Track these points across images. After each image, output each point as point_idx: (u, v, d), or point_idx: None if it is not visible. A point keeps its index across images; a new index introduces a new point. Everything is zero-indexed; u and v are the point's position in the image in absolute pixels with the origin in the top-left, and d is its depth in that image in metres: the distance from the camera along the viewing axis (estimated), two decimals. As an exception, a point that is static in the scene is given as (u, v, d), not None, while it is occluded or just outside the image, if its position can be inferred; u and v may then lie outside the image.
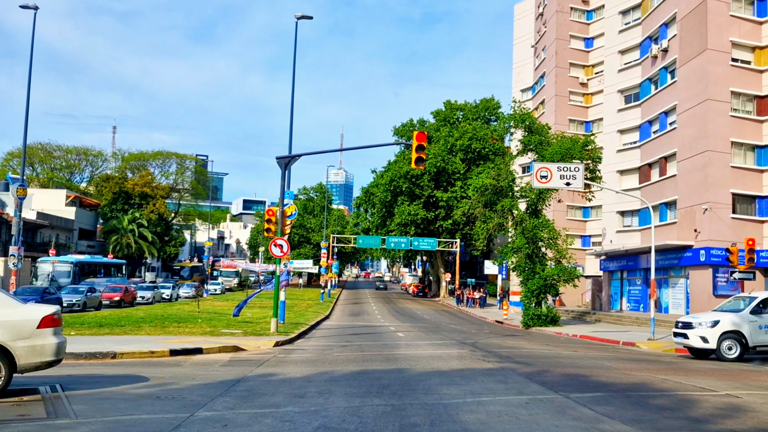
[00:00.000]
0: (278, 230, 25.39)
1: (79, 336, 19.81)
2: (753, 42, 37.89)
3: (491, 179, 41.32)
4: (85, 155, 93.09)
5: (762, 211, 37.33)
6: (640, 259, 42.12)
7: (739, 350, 19.70)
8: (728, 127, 37.10)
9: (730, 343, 19.77)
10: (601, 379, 13.41)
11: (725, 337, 19.79)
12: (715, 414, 9.69)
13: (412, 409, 9.40)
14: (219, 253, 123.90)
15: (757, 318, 19.96)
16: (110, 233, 78.60)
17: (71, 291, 37.54)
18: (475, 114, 73.89)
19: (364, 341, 23.02)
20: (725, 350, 19.71)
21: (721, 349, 19.74)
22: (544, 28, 64.28)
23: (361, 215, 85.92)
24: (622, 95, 48.90)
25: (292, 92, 28.34)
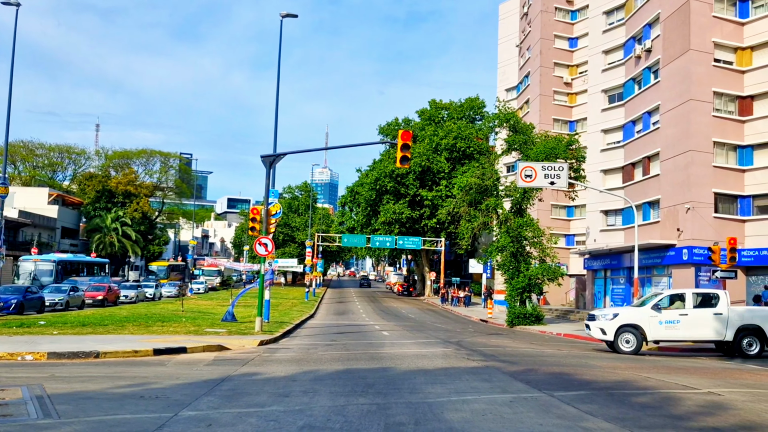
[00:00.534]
0: (263, 229, 25.33)
1: (61, 335, 19.66)
2: (735, 43, 38.22)
3: (476, 178, 41.41)
4: (68, 153, 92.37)
5: (743, 210, 37.68)
6: (624, 258, 42.38)
7: (636, 344, 20.77)
8: (710, 127, 37.41)
9: (628, 336, 20.90)
10: (585, 377, 13.49)
11: (623, 331, 20.93)
12: (698, 412, 9.78)
13: (397, 407, 9.41)
14: (203, 251, 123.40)
15: (657, 314, 20.92)
16: (93, 232, 78.06)
17: (54, 290, 37.24)
18: (460, 113, 74.05)
19: (349, 340, 23.01)
20: (623, 343, 20.88)
21: (619, 341, 20.93)
22: (529, 28, 64.52)
23: (346, 214, 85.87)
24: (605, 95, 49.17)
25: (277, 90, 28.26)
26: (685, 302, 21.20)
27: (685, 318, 20.76)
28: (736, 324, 20.49)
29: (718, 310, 20.66)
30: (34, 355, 14.84)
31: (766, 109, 36.94)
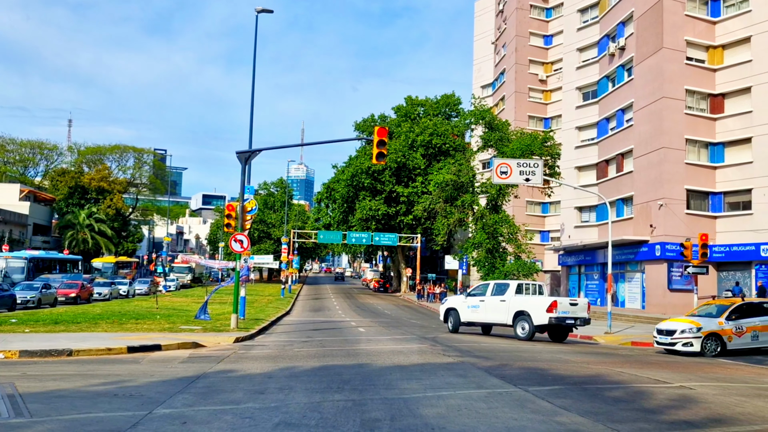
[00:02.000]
0: (238, 225, 25.20)
1: (33, 333, 19.41)
2: (707, 41, 38.72)
3: (452, 175, 41.63)
4: (40, 149, 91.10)
5: (715, 207, 38.22)
6: (598, 254, 42.80)
7: (454, 322, 26.23)
8: (683, 125, 37.90)
9: (451, 318, 26.45)
10: (559, 372, 13.60)
11: (448, 312, 26.78)
12: (669, 405, 9.91)
13: (372, 404, 9.42)
14: (178, 248, 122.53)
15: (467, 299, 25.89)
16: (66, 228, 77.12)
17: (25, 287, 36.72)
18: (436, 110, 74.18)
19: (325, 336, 22.99)
20: (448, 322, 26.60)
21: (446, 320, 26.87)
22: (504, 25, 64.80)
23: (322, 210, 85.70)
24: (580, 92, 49.57)
25: (252, 87, 28.09)
26: (486, 291, 25.30)
27: (483, 304, 24.95)
28: (514, 309, 23.49)
29: (504, 298, 24.08)
30: (6, 353, 14.64)
31: (737, 107, 37.49)
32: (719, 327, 19.75)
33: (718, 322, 19.92)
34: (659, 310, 36.62)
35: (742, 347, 19.96)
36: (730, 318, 20.08)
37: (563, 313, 22.64)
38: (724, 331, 19.76)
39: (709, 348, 19.51)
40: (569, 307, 23.07)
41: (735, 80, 37.66)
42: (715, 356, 19.28)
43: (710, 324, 19.85)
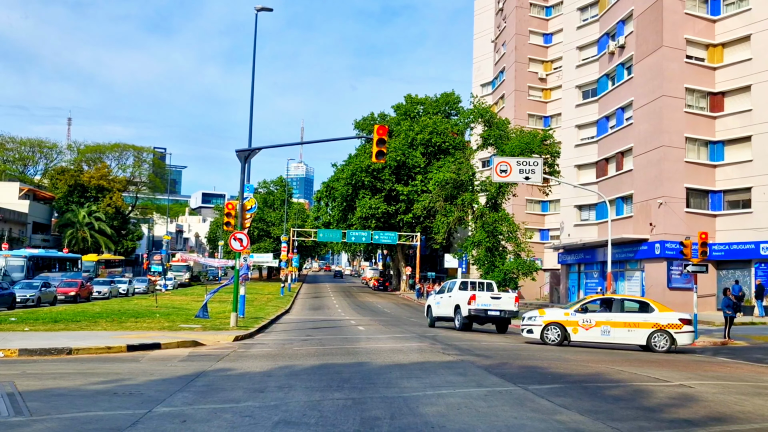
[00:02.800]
0: (238, 224, 25.18)
1: (33, 332, 19.41)
2: (707, 40, 38.70)
3: (452, 173, 41.62)
4: (39, 147, 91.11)
5: (714, 205, 38.21)
6: (597, 252, 42.80)
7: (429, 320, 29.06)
8: (683, 123, 37.89)
9: (429, 314, 29.24)
10: (559, 370, 13.59)
11: (428, 310, 29.64)
12: (669, 404, 9.91)
13: (372, 402, 9.42)
14: (178, 247, 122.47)
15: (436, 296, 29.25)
16: (65, 227, 77.09)
17: (25, 286, 36.72)
18: (436, 108, 74.15)
19: (324, 335, 22.99)
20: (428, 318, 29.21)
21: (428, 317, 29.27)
22: (504, 24, 64.76)
23: (322, 209, 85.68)
24: (580, 91, 49.55)
25: (252, 85, 28.08)
26: (445, 289, 28.43)
27: (442, 300, 28.05)
28: (453, 304, 26.80)
29: (450, 294, 27.33)
30: (5, 351, 14.63)
31: (737, 106, 37.49)
32: (564, 318, 20.77)
33: (564, 313, 21.06)
34: (659, 308, 36.58)
35: (589, 341, 20.58)
36: (581, 310, 20.88)
37: (483, 305, 25.74)
38: (568, 322, 20.70)
39: (549, 337, 20.64)
40: (491, 301, 25.98)
41: (735, 78, 37.65)
42: (557, 345, 20.32)
43: (556, 314, 21.15)
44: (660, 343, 19.91)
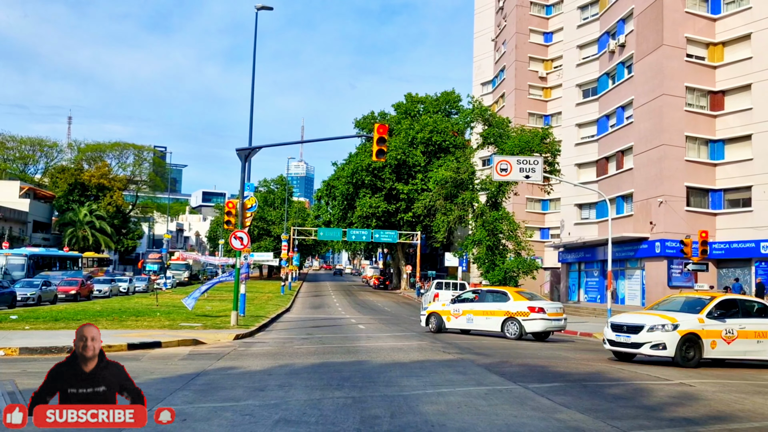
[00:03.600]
0: (238, 222, 25.19)
1: (33, 330, 19.42)
2: (707, 38, 38.68)
3: (452, 172, 41.62)
4: (40, 146, 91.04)
5: (714, 204, 38.20)
6: (598, 251, 42.79)
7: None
8: (683, 122, 37.87)
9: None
10: (559, 369, 13.61)
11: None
12: (669, 402, 9.92)
13: (372, 401, 9.43)
14: (178, 245, 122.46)
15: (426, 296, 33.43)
16: (66, 226, 77.08)
17: (25, 285, 36.71)
18: (436, 107, 74.12)
19: (324, 333, 23.00)
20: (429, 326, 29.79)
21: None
22: (504, 22, 64.73)
23: (322, 207, 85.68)
24: (580, 89, 49.53)
25: (252, 83, 28.07)
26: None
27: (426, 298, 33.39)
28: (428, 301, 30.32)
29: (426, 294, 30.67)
30: (6, 350, 14.65)
31: (738, 104, 37.46)
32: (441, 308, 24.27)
33: (442, 304, 24.97)
34: (659, 307, 36.59)
35: (458, 327, 23.23)
36: (454, 301, 23.85)
37: None
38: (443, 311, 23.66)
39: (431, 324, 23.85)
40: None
41: (735, 77, 37.62)
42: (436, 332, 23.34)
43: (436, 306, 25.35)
44: (511, 330, 21.68)
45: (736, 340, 15.21)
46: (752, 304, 16.65)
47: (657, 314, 15.63)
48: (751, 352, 15.54)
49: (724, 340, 15.11)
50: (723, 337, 15.10)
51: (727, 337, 15.14)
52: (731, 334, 15.16)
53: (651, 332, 14.97)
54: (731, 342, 15.17)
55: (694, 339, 14.85)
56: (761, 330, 15.64)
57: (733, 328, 15.25)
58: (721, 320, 15.23)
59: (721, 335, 15.07)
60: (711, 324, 15.07)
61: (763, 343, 15.56)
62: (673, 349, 14.67)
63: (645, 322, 15.25)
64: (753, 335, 15.43)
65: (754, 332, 15.46)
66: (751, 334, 15.41)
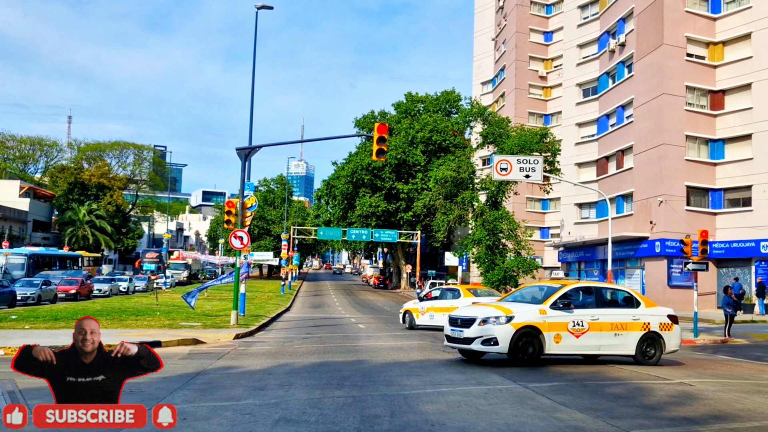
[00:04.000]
0: (238, 222, 25.18)
1: (34, 330, 19.42)
2: (707, 38, 38.67)
3: (452, 171, 41.61)
4: (40, 145, 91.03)
5: (714, 203, 38.20)
6: (598, 250, 42.79)
7: None
8: (683, 121, 37.86)
9: None
10: (559, 368, 13.59)
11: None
12: (669, 402, 9.92)
13: (372, 400, 9.43)
14: (178, 245, 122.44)
15: None
16: (65, 225, 77.06)
17: (25, 284, 36.71)
18: (436, 106, 74.09)
19: (324, 333, 23.00)
20: None
21: None
22: (505, 22, 64.71)
23: (322, 207, 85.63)
24: (580, 89, 49.52)
25: (252, 82, 28.07)
26: None
27: None
28: None
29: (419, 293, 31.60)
30: (6, 350, 14.66)
31: (738, 104, 37.46)
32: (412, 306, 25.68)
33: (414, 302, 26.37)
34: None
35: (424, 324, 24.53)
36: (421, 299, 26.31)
37: None
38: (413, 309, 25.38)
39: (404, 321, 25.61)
40: None
41: (735, 77, 37.62)
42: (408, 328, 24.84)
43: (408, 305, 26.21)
44: None
45: (587, 333, 13.63)
46: (613, 293, 15.37)
47: (494, 305, 14.30)
48: (608, 347, 14.05)
49: (572, 333, 13.53)
50: (570, 330, 13.51)
51: (576, 330, 13.56)
52: (580, 326, 13.58)
53: (482, 326, 13.39)
54: (581, 335, 13.59)
55: (533, 333, 13.27)
56: (620, 321, 14.13)
57: (583, 320, 13.62)
58: (568, 311, 13.64)
59: (568, 328, 13.49)
60: (555, 315, 13.48)
61: (623, 336, 14.09)
62: (506, 344, 13.11)
63: (477, 314, 13.76)
64: (609, 327, 13.96)
65: (610, 324, 13.97)
66: (607, 326, 13.93)
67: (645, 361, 14.30)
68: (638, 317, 14.38)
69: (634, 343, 14.20)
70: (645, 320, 14.40)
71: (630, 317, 14.30)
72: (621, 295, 15.33)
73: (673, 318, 14.95)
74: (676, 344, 14.93)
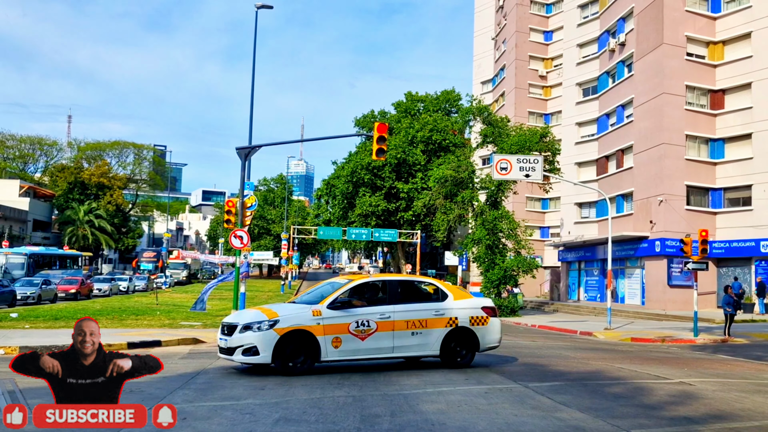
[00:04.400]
0: (238, 221, 25.18)
1: (33, 329, 19.42)
2: (707, 37, 38.65)
3: (452, 170, 41.57)
4: (40, 145, 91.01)
5: (714, 203, 38.19)
6: (598, 249, 42.78)
7: None
8: (683, 121, 37.84)
9: None
10: (559, 368, 13.61)
11: None
12: (669, 401, 9.92)
13: (372, 399, 9.43)
14: (178, 244, 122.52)
15: None
16: (65, 224, 77.08)
17: (25, 283, 36.74)
18: (436, 105, 74.04)
19: (324, 333, 22.99)
20: None
21: None
22: (505, 21, 64.68)
23: (322, 206, 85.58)
24: (580, 88, 49.49)
25: (252, 82, 28.07)
26: None
27: None
28: None
29: None
30: (6, 349, 14.65)
31: (738, 103, 37.44)
32: None
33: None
34: (659, 306, 36.64)
35: None
36: None
37: None
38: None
39: None
40: None
41: (735, 76, 37.60)
42: None
43: None
44: None
45: (374, 334, 12.11)
46: (413, 286, 13.58)
47: (261, 309, 12.91)
48: (404, 348, 12.49)
49: (355, 335, 11.99)
50: (353, 332, 11.98)
51: (360, 331, 12.02)
52: (366, 327, 12.04)
53: (243, 333, 11.84)
54: (367, 337, 12.06)
55: (305, 338, 11.79)
56: (419, 318, 12.57)
57: (369, 320, 12.09)
58: (349, 310, 12.12)
59: (350, 330, 11.97)
60: (333, 316, 11.96)
61: (422, 334, 12.51)
62: (269, 353, 11.57)
63: (239, 320, 12.33)
64: (405, 326, 12.42)
65: (406, 322, 12.42)
66: (402, 324, 12.39)
67: (454, 362, 12.93)
68: (443, 312, 12.77)
69: (438, 341, 12.64)
70: (452, 315, 12.82)
71: (432, 312, 12.68)
72: (423, 288, 13.69)
73: (490, 310, 13.38)
74: (494, 339, 13.36)
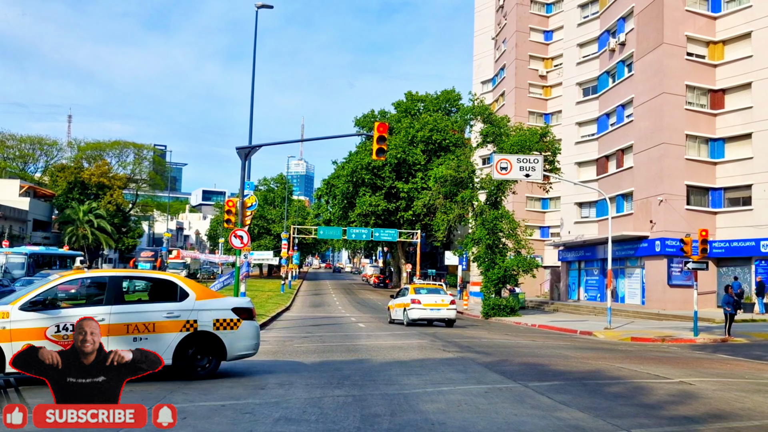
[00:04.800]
0: (238, 221, 25.19)
1: (33, 329, 19.37)
2: (707, 37, 38.64)
3: (452, 170, 41.57)
4: (40, 145, 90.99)
5: (714, 202, 38.19)
6: (598, 249, 42.78)
7: None
8: (683, 120, 37.84)
9: None
10: (559, 367, 13.61)
11: None
12: (669, 401, 9.92)
13: (372, 399, 9.43)
14: (178, 244, 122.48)
15: None
16: (65, 224, 77.04)
17: (25, 283, 36.57)
18: (436, 105, 74.06)
19: (324, 332, 23.01)
20: None
21: None
22: (505, 21, 64.67)
23: (322, 206, 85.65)
24: (580, 88, 49.48)
25: (252, 82, 28.08)
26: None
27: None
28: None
29: None
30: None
31: (738, 103, 37.43)
32: None
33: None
34: (659, 305, 36.64)
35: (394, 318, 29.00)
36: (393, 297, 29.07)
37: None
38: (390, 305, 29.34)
39: None
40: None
41: (735, 76, 37.59)
42: None
43: None
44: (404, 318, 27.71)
45: None
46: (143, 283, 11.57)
47: None
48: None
49: (56, 342, 9.64)
50: (52, 339, 9.73)
51: (61, 337, 9.78)
52: (71, 332, 9.67)
53: None
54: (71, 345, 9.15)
55: None
56: (143, 322, 10.52)
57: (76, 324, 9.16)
58: (48, 312, 10.06)
59: (48, 335, 9.81)
60: (26, 319, 9.88)
61: (148, 340, 10.35)
62: None
63: None
64: (125, 330, 10.33)
65: (126, 326, 10.36)
66: (121, 328, 10.31)
67: (193, 372, 10.94)
68: (177, 314, 10.78)
69: (170, 348, 10.57)
70: (190, 317, 10.85)
71: (163, 315, 10.68)
72: (157, 286, 11.68)
73: (243, 312, 11.46)
74: (246, 346, 11.48)
